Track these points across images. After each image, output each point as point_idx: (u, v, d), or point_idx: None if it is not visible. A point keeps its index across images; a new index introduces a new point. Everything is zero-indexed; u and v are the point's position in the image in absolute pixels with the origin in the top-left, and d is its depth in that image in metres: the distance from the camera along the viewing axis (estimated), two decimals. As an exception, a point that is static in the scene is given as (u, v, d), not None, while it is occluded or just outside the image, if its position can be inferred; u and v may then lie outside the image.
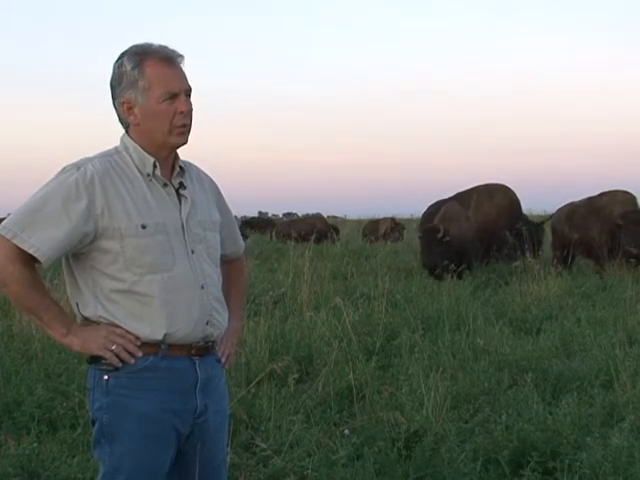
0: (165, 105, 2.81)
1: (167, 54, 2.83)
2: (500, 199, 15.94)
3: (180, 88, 2.82)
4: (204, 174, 3.12)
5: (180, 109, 2.81)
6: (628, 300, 9.41)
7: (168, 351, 2.81)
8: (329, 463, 4.68)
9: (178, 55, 2.85)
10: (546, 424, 5.11)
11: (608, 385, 6.21)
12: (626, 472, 4.36)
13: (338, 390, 6.19)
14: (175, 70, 2.83)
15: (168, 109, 2.81)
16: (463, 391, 6.09)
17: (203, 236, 2.91)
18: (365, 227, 29.28)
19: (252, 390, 5.89)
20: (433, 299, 10.36)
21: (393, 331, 8.32)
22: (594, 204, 15.22)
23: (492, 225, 15.05)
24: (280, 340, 7.63)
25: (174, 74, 2.82)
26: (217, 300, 2.93)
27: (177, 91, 2.81)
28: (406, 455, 4.92)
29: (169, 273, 2.78)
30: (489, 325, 8.56)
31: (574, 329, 8.32)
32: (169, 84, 2.80)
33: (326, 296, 9.88)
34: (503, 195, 16.09)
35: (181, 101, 2.82)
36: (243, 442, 5.12)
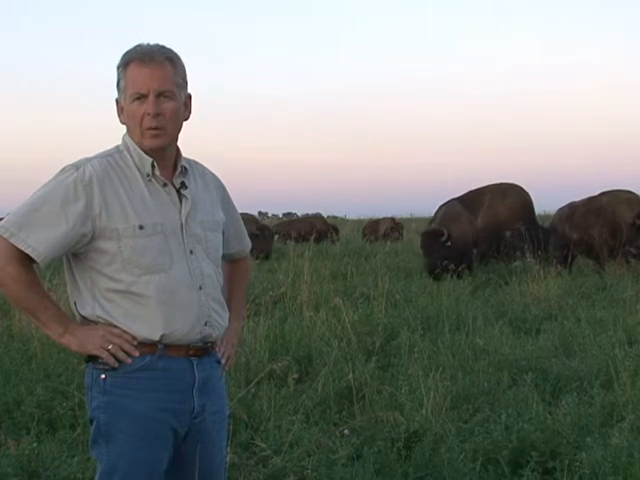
0: (135, 106, 2.79)
1: (146, 54, 2.78)
2: (513, 199, 15.75)
3: (148, 89, 2.77)
4: (210, 173, 3.10)
5: (147, 110, 2.77)
6: (628, 300, 9.41)
7: (165, 351, 2.80)
8: (329, 463, 4.67)
9: (162, 55, 2.80)
10: (546, 424, 5.11)
11: (608, 385, 6.21)
12: (626, 472, 4.35)
13: (338, 390, 6.19)
14: (150, 70, 2.77)
15: (138, 110, 2.79)
16: (463, 391, 6.08)
17: (203, 236, 2.90)
18: (365, 227, 29.27)
19: (252, 390, 5.89)
20: (433, 299, 10.35)
21: (393, 331, 8.31)
22: (595, 204, 15.20)
23: (504, 225, 14.80)
24: (280, 340, 7.63)
25: (147, 74, 2.77)
26: (216, 301, 2.92)
27: (145, 92, 2.77)
28: (406, 455, 4.92)
29: (166, 274, 2.78)
30: (489, 325, 8.56)
31: (574, 329, 8.31)
32: (137, 84, 2.77)
33: (326, 296, 9.87)
34: (517, 195, 15.90)
35: (149, 102, 2.77)
36: (243, 442, 5.11)
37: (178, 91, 2.84)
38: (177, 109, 2.84)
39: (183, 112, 2.89)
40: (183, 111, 2.89)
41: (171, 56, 2.83)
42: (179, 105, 2.85)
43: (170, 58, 2.82)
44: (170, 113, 2.81)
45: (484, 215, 15.47)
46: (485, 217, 15.44)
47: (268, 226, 22.04)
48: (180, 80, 2.86)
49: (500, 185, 16.27)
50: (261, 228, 20.43)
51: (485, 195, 15.88)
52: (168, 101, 2.80)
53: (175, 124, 2.86)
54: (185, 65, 2.90)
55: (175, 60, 2.85)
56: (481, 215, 15.56)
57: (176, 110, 2.84)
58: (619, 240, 13.93)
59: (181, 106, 2.87)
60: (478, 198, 15.88)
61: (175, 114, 2.84)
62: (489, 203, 15.62)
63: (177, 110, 2.84)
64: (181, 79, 2.87)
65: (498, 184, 16.33)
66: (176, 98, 2.83)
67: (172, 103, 2.82)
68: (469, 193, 16.32)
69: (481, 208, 15.62)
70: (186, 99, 2.91)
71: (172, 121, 2.83)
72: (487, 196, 15.81)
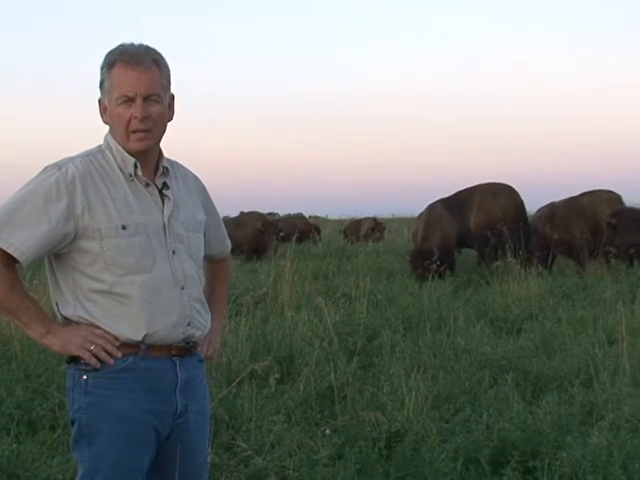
0: (121, 109, 2.78)
1: (133, 56, 2.77)
2: (507, 199, 15.52)
3: (136, 92, 2.76)
4: (191, 173, 3.10)
5: (134, 114, 2.77)
6: (608, 300, 9.43)
7: (148, 352, 2.80)
8: (310, 463, 4.67)
9: (148, 57, 2.80)
10: (526, 423, 5.13)
11: (588, 384, 6.23)
12: (605, 471, 4.38)
13: (319, 390, 6.19)
14: (137, 73, 2.76)
15: (125, 113, 2.78)
16: (444, 391, 6.09)
17: (185, 236, 2.90)
18: (347, 227, 29.29)
19: (233, 390, 5.88)
20: (414, 299, 10.37)
21: (374, 331, 8.32)
22: (576, 204, 15.23)
23: (499, 225, 14.65)
24: (261, 340, 7.62)
25: (134, 77, 2.76)
26: (198, 301, 2.92)
27: (132, 95, 2.76)
28: (387, 455, 4.92)
29: (149, 274, 2.77)
30: (470, 325, 8.57)
31: (554, 329, 8.34)
32: (125, 87, 2.76)
33: (307, 296, 9.86)
34: (510, 195, 15.70)
35: (136, 106, 2.77)
36: (224, 442, 5.10)
37: (164, 93, 2.85)
38: (163, 112, 2.85)
39: (167, 114, 2.90)
40: (167, 112, 2.89)
41: (157, 58, 2.83)
42: (164, 108, 2.86)
43: (156, 60, 2.82)
44: (157, 116, 2.82)
45: (477, 215, 15.34)
46: (478, 217, 15.29)
47: (275, 223, 21.93)
48: (165, 82, 2.86)
49: (491, 185, 16.10)
50: (264, 224, 20.38)
51: (474, 195, 15.71)
52: (155, 104, 2.80)
53: (161, 127, 2.86)
54: (169, 65, 2.90)
55: (160, 62, 2.84)
56: (473, 215, 15.41)
57: (162, 113, 2.84)
58: (600, 240, 13.99)
59: (166, 108, 2.87)
60: (467, 198, 15.75)
61: (161, 117, 2.84)
62: (480, 203, 15.48)
63: (163, 113, 2.85)
64: (166, 80, 2.87)
65: (488, 184, 16.15)
66: (162, 101, 2.84)
67: (159, 106, 2.82)
68: (457, 193, 16.20)
69: (471, 208, 15.47)
70: (170, 100, 2.91)
71: (158, 124, 2.84)
72: (477, 195, 15.64)
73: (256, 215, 21.30)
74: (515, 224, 14.68)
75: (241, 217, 21.75)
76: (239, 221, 21.24)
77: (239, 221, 21.24)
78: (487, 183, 16.21)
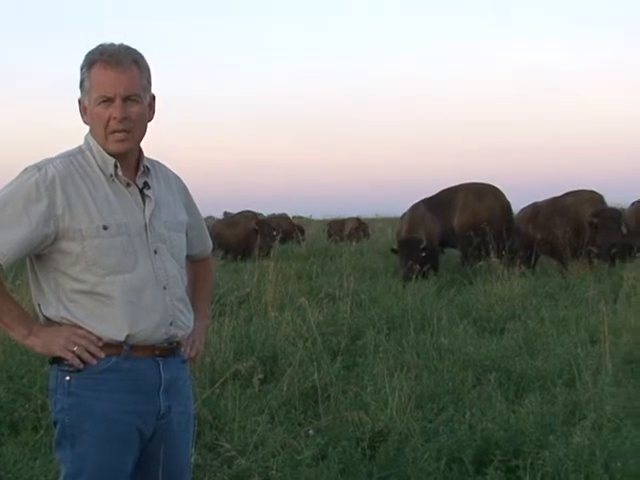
0: (101, 109, 2.77)
1: (113, 56, 2.76)
2: (491, 200, 15.46)
3: (115, 92, 2.75)
4: (172, 173, 3.10)
5: (113, 114, 2.76)
6: (590, 299, 9.47)
7: (131, 352, 2.79)
8: (293, 463, 4.67)
9: (128, 57, 2.79)
10: (509, 423, 5.15)
11: (570, 384, 6.26)
12: (587, 470, 4.40)
13: (303, 390, 6.19)
14: (116, 73, 2.75)
15: (104, 113, 2.77)
16: (427, 390, 6.11)
17: (167, 236, 2.89)
18: (330, 227, 29.30)
19: (216, 391, 5.87)
20: (398, 299, 10.37)
21: (358, 331, 8.33)
22: (559, 204, 15.28)
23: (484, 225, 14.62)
24: (245, 340, 7.61)
25: (113, 77, 2.75)
26: (181, 301, 2.91)
27: (111, 95, 2.75)
28: (370, 455, 4.93)
29: (131, 274, 2.77)
30: (453, 325, 8.59)
31: (537, 328, 8.37)
32: (104, 87, 2.75)
33: (291, 296, 9.86)
34: (495, 195, 15.66)
35: (115, 106, 2.76)
36: (207, 443, 5.09)
37: (144, 94, 2.84)
38: (143, 112, 2.84)
39: (148, 114, 2.89)
40: (148, 113, 2.88)
41: (137, 58, 2.82)
42: (145, 108, 2.85)
43: (136, 60, 2.81)
44: (136, 117, 2.81)
45: (461, 214, 15.31)
46: (463, 216, 15.25)
47: (268, 221, 21.81)
48: (145, 82, 2.85)
49: (475, 185, 16.06)
50: (258, 223, 20.29)
51: (458, 194, 15.64)
52: (134, 105, 2.80)
53: (141, 127, 2.86)
54: (149, 65, 2.89)
55: (140, 62, 2.83)
56: (457, 214, 15.39)
57: (142, 113, 2.84)
58: (582, 240, 14.04)
59: (146, 108, 2.86)
60: (450, 198, 15.70)
61: (141, 117, 2.84)
62: (464, 203, 15.45)
63: (143, 113, 2.84)
64: (146, 81, 2.86)
65: (472, 184, 16.12)
66: (142, 101, 2.83)
67: (138, 107, 2.81)
68: (439, 193, 16.15)
69: (455, 208, 15.43)
70: (150, 100, 2.90)
71: (138, 125, 2.83)
72: (460, 195, 15.60)
73: (249, 214, 21.13)
74: (501, 225, 14.72)
75: (233, 216, 21.59)
76: (231, 221, 21.10)
77: (231, 221, 21.10)
78: (470, 183, 16.18)
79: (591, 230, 14.02)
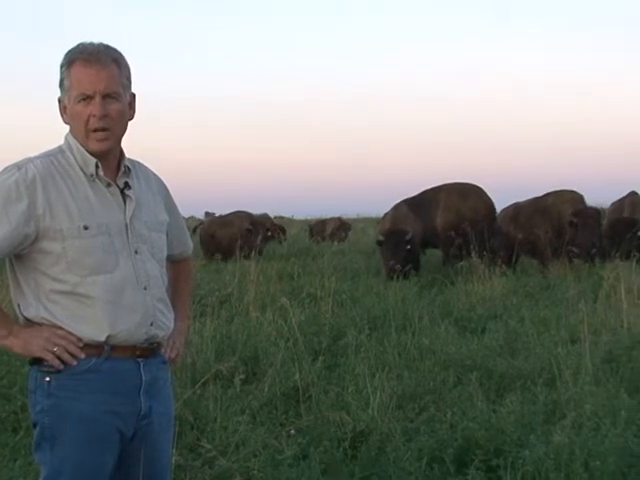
0: (80, 107, 2.77)
1: (92, 54, 2.76)
2: (474, 200, 15.49)
3: (94, 90, 2.74)
4: (152, 174, 3.09)
5: (93, 112, 2.75)
6: (570, 299, 9.51)
7: (111, 352, 2.78)
8: (275, 463, 4.68)
9: (107, 55, 2.78)
10: (490, 422, 5.16)
11: (551, 383, 6.29)
12: (567, 468, 4.42)
13: (284, 390, 6.19)
14: (95, 71, 2.75)
15: (84, 111, 2.76)
16: (409, 390, 6.12)
17: (148, 236, 2.89)
18: (312, 227, 29.32)
19: (198, 391, 5.86)
20: (379, 299, 10.38)
21: (339, 331, 8.33)
22: (540, 204, 15.33)
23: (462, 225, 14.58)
24: (226, 341, 7.61)
25: (92, 75, 2.74)
26: (161, 301, 2.91)
27: (90, 93, 2.74)
28: (352, 455, 4.94)
29: (111, 274, 2.76)
30: (435, 325, 8.61)
31: (518, 328, 8.40)
32: (83, 85, 2.75)
33: (272, 296, 9.87)
34: (478, 195, 15.68)
35: (95, 103, 2.75)
36: (188, 443, 5.09)
37: (124, 92, 2.83)
38: (123, 110, 2.83)
39: (128, 112, 2.88)
40: (128, 111, 2.87)
41: (116, 57, 2.81)
42: (124, 106, 2.84)
43: (115, 59, 2.80)
44: (116, 114, 2.80)
45: (444, 214, 15.30)
46: (446, 216, 15.24)
47: (262, 221, 21.69)
48: (125, 80, 2.84)
49: (458, 185, 16.07)
50: (253, 222, 20.21)
51: (440, 194, 15.64)
52: (114, 102, 2.79)
53: (121, 125, 2.85)
54: (129, 65, 2.88)
55: (120, 60, 2.83)
56: (439, 214, 15.39)
57: (122, 111, 2.83)
58: (563, 240, 14.10)
59: (126, 107, 2.85)
60: (432, 198, 15.70)
61: (121, 115, 2.83)
62: (447, 203, 15.44)
63: (123, 111, 2.83)
64: (126, 79, 2.85)
65: (455, 183, 16.13)
66: (122, 99, 2.82)
67: (118, 104, 2.80)
68: (421, 193, 16.16)
69: (437, 208, 15.43)
70: (131, 99, 2.89)
71: (118, 123, 2.82)
72: (443, 195, 15.62)
73: (242, 214, 20.97)
74: (485, 224, 14.75)
75: (227, 216, 21.35)
76: (225, 220, 20.91)
77: (225, 220, 20.91)
78: (454, 183, 16.19)
79: (571, 230, 14.08)
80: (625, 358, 6.95)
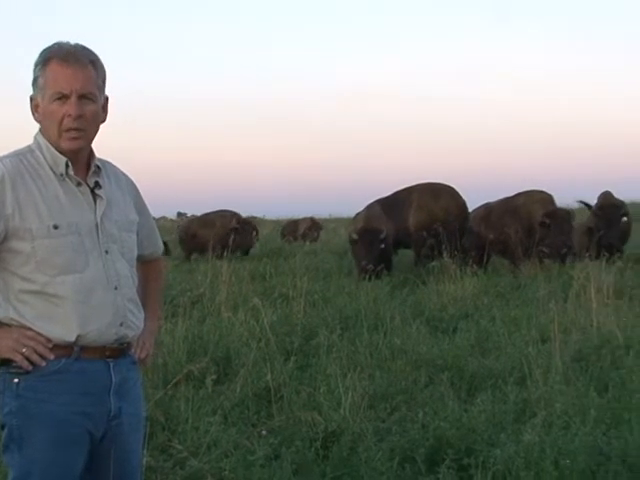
0: (55, 106, 2.76)
1: (70, 54, 2.76)
2: (447, 200, 15.48)
3: (71, 89, 2.74)
4: (122, 173, 3.08)
5: (68, 112, 2.75)
6: (541, 299, 9.57)
7: (81, 353, 2.77)
8: (246, 464, 4.66)
9: (85, 57, 2.78)
10: (461, 422, 5.19)
11: (521, 382, 6.32)
12: (537, 467, 4.44)
13: (256, 391, 6.18)
14: (72, 71, 2.75)
15: (59, 110, 2.76)
16: (380, 390, 6.13)
17: (118, 236, 2.88)
18: (284, 227, 29.29)
19: (169, 392, 5.84)
20: (351, 299, 10.39)
21: (311, 331, 8.32)
22: (510, 204, 15.39)
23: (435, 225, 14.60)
24: (198, 341, 7.58)
25: (69, 74, 2.74)
26: (131, 301, 2.90)
27: (67, 92, 2.74)
28: (323, 455, 4.93)
29: (81, 274, 2.75)
30: (406, 325, 8.62)
31: (489, 328, 8.43)
32: (59, 84, 2.74)
33: (244, 297, 9.85)
34: (451, 195, 15.66)
35: (71, 103, 2.75)
36: (160, 444, 5.06)
37: (99, 94, 2.84)
38: (97, 112, 2.84)
39: (101, 115, 2.88)
40: (101, 113, 2.88)
41: (93, 58, 2.82)
42: (99, 108, 2.85)
43: (93, 61, 2.81)
44: (91, 116, 2.80)
45: (417, 214, 15.32)
46: (418, 216, 15.26)
47: (249, 220, 21.51)
48: (100, 82, 2.85)
49: (431, 185, 16.06)
50: (240, 221, 20.00)
51: (412, 194, 15.65)
52: (90, 103, 2.79)
53: (94, 127, 2.85)
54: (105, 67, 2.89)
55: (96, 62, 2.83)
56: (412, 214, 15.41)
57: (96, 113, 2.83)
58: (533, 240, 14.18)
59: (100, 109, 2.86)
60: (405, 198, 15.71)
61: (95, 117, 2.83)
62: (420, 203, 15.45)
63: (97, 113, 2.84)
64: (101, 81, 2.86)
65: (427, 184, 16.12)
66: (97, 101, 2.82)
67: (93, 106, 2.80)
68: (394, 193, 16.16)
69: (409, 208, 15.44)
70: (104, 101, 2.89)
71: (91, 124, 2.82)
72: (415, 195, 15.63)
73: (227, 213, 20.74)
74: (457, 224, 14.81)
75: (209, 215, 21.09)
76: (206, 220, 20.65)
77: (206, 220, 20.65)
78: (426, 183, 16.21)
79: (542, 230, 14.17)
80: (594, 357, 7.00)
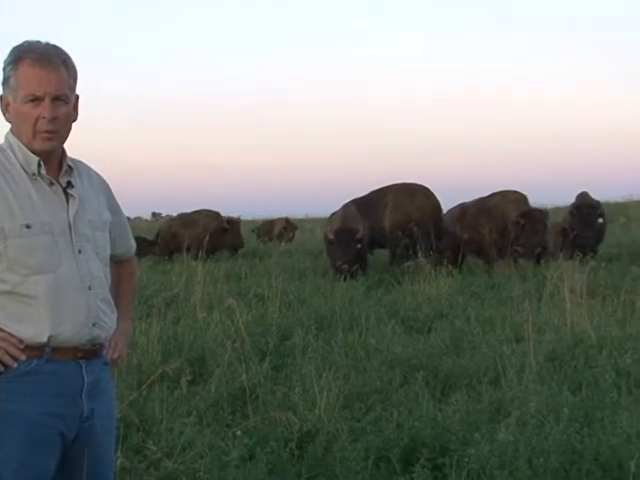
0: (29, 107, 2.75)
1: (43, 55, 2.74)
2: (422, 200, 15.54)
3: (45, 92, 2.73)
4: (94, 173, 3.07)
5: (43, 114, 2.74)
6: (515, 298, 9.62)
7: (53, 354, 2.75)
8: (221, 464, 4.65)
9: (58, 58, 2.77)
10: (436, 421, 5.21)
11: (495, 382, 6.36)
12: (511, 466, 4.47)
13: (231, 391, 6.17)
14: (46, 72, 2.73)
15: (32, 112, 2.74)
16: (355, 390, 6.13)
17: (91, 236, 2.86)
18: (259, 227, 29.27)
19: (144, 392, 5.82)
20: (326, 299, 10.40)
21: (286, 331, 8.33)
22: (485, 204, 15.47)
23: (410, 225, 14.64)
24: (172, 342, 7.56)
25: (43, 76, 2.73)
26: (104, 301, 2.88)
27: (40, 94, 2.73)
28: (299, 455, 4.93)
29: (54, 274, 2.73)
30: (381, 324, 8.63)
31: (464, 327, 8.46)
32: (33, 86, 2.73)
33: (219, 297, 9.82)
34: (426, 196, 15.73)
35: (45, 106, 2.74)
36: (134, 445, 5.03)
37: (71, 94, 2.83)
38: (70, 113, 2.84)
39: (73, 114, 2.87)
40: (73, 113, 2.87)
41: (65, 58, 2.80)
42: (71, 108, 2.84)
43: (64, 61, 2.80)
44: (64, 117, 2.79)
45: (392, 215, 15.34)
46: (394, 216, 15.27)
47: (236, 220, 21.36)
48: (72, 82, 2.84)
49: (406, 185, 16.11)
50: (230, 222, 19.88)
51: (388, 195, 15.71)
52: (63, 105, 2.78)
53: (67, 127, 2.84)
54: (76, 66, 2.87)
55: (68, 62, 2.82)
56: (387, 215, 15.43)
57: (69, 114, 2.83)
58: (507, 240, 14.25)
59: (72, 109, 2.85)
60: (380, 198, 15.74)
61: (68, 118, 2.83)
62: (395, 203, 15.49)
63: (70, 114, 2.84)
64: (73, 81, 2.85)
65: (402, 184, 16.17)
66: (69, 102, 2.82)
67: (66, 107, 2.80)
68: (370, 194, 16.21)
69: (385, 208, 15.48)
70: (75, 100, 2.88)
71: (65, 125, 2.82)
72: (390, 195, 15.67)
73: (210, 213, 20.50)
74: (432, 224, 14.85)
75: (190, 215, 20.86)
76: (188, 219, 20.43)
77: (188, 219, 20.43)
78: (401, 183, 16.26)
79: (517, 230, 14.24)
80: (568, 356, 7.05)
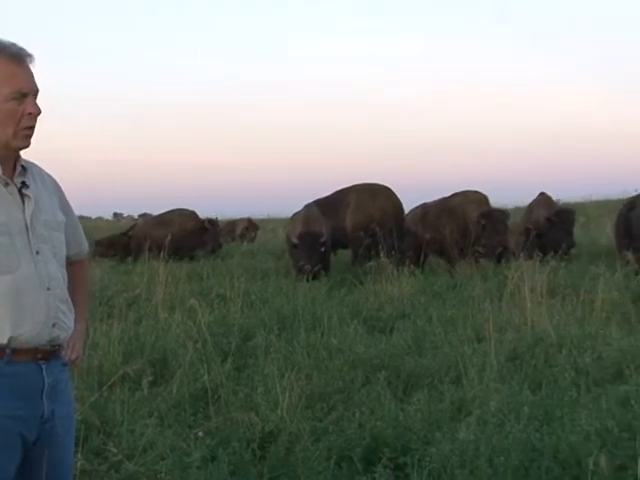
0: (12, 105, 2.73)
1: (18, 52, 2.75)
2: (383, 200, 15.52)
3: (30, 88, 2.75)
4: (46, 174, 3.06)
5: (28, 110, 2.74)
6: (476, 298, 9.68)
7: (13, 356, 2.73)
8: (183, 466, 4.63)
9: (28, 55, 2.78)
10: (398, 421, 5.22)
11: (457, 381, 6.39)
12: (472, 464, 4.49)
13: (193, 392, 6.15)
14: (24, 69, 2.75)
15: (16, 109, 2.74)
16: (317, 390, 6.13)
17: (48, 236, 2.85)
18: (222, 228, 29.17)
19: (104, 394, 5.78)
20: (289, 299, 10.39)
21: (249, 332, 8.31)
22: (446, 204, 15.53)
23: (372, 225, 14.63)
24: (134, 342, 7.52)
25: (24, 73, 2.75)
26: (63, 302, 2.87)
27: (27, 91, 2.74)
28: (261, 455, 4.93)
29: (13, 275, 2.71)
30: (344, 325, 8.64)
31: (426, 327, 8.48)
32: (18, 83, 2.73)
33: (181, 297, 9.78)
34: (387, 196, 15.70)
35: (29, 102, 2.74)
36: (94, 447, 5.00)
37: None
38: None
39: None
40: None
41: (31, 54, 2.81)
42: None
43: (30, 56, 2.80)
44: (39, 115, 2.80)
45: (354, 215, 15.35)
46: (356, 217, 15.28)
47: (215, 220, 21.14)
48: None
49: (368, 185, 16.12)
50: (211, 222, 19.78)
51: (350, 195, 15.71)
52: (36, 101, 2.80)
53: None
54: None
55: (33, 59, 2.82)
56: (349, 215, 15.44)
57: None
58: (469, 240, 14.34)
59: None
60: (342, 198, 15.75)
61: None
62: (357, 203, 15.49)
63: None
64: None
65: (364, 184, 16.18)
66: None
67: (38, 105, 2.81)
68: (332, 194, 16.19)
69: (347, 208, 15.49)
70: None
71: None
72: (352, 196, 15.67)
73: (185, 212, 20.23)
74: (393, 224, 14.87)
75: (165, 215, 20.56)
76: (162, 219, 20.13)
77: (162, 219, 20.13)
78: (363, 183, 16.27)
79: (478, 230, 14.33)
80: (528, 355, 7.11)
